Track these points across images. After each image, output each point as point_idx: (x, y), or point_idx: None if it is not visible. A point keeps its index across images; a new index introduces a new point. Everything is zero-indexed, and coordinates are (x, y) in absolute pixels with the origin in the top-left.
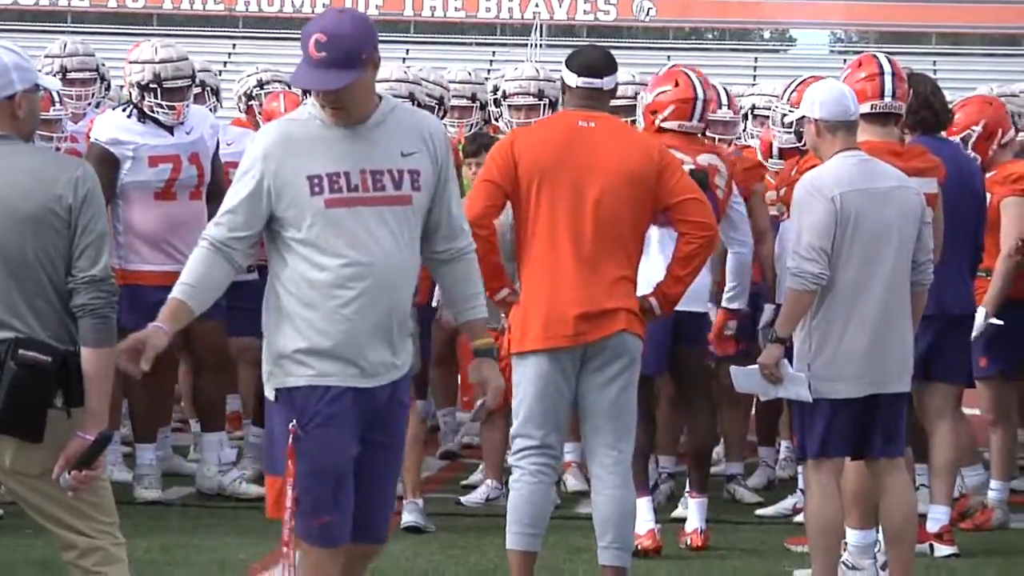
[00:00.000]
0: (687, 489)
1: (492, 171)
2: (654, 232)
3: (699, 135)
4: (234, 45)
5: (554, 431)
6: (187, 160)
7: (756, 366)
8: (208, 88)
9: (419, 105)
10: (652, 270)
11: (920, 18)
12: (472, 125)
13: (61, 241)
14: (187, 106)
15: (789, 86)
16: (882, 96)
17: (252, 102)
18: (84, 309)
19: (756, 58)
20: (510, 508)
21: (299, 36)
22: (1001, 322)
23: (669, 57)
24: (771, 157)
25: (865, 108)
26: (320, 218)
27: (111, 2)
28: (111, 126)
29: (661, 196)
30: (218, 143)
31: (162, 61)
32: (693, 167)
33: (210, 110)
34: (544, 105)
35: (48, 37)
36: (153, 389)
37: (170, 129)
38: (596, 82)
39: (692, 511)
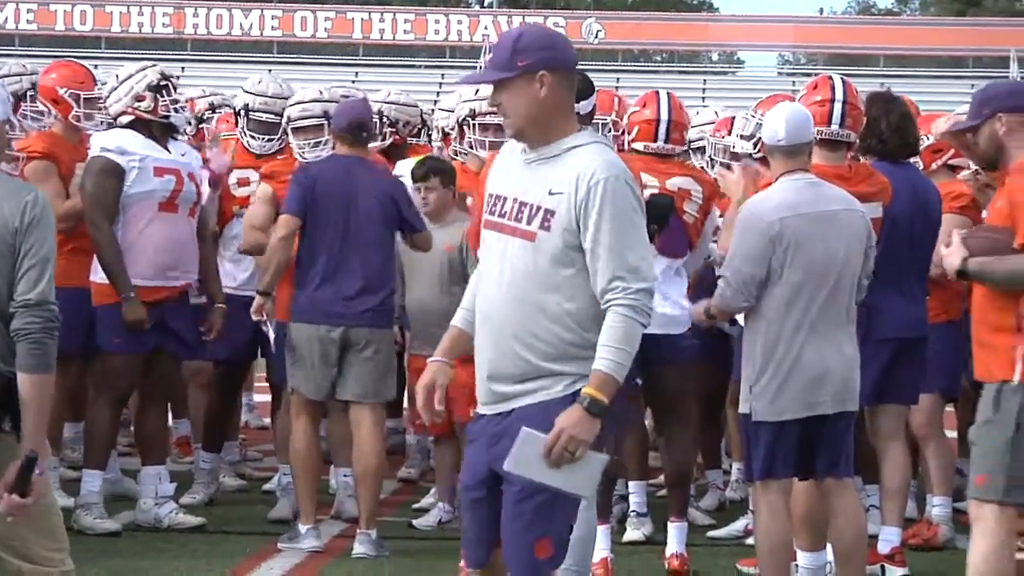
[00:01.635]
0: (669, 514)
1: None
2: (659, 262)
3: (676, 157)
4: (183, 68)
5: None
6: (186, 177)
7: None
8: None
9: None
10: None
11: (868, 40)
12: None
13: (6, 265)
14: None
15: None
16: (830, 123)
17: (203, 125)
18: (19, 333)
19: (705, 80)
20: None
21: (247, 59)
22: None
23: (618, 79)
24: None
25: (813, 133)
26: (484, 235)
27: (59, 25)
28: (115, 137)
29: None
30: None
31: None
32: (656, 190)
33: None
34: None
35: None
36: (112, 416)
37: (166, 147)
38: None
39: (672, 535)
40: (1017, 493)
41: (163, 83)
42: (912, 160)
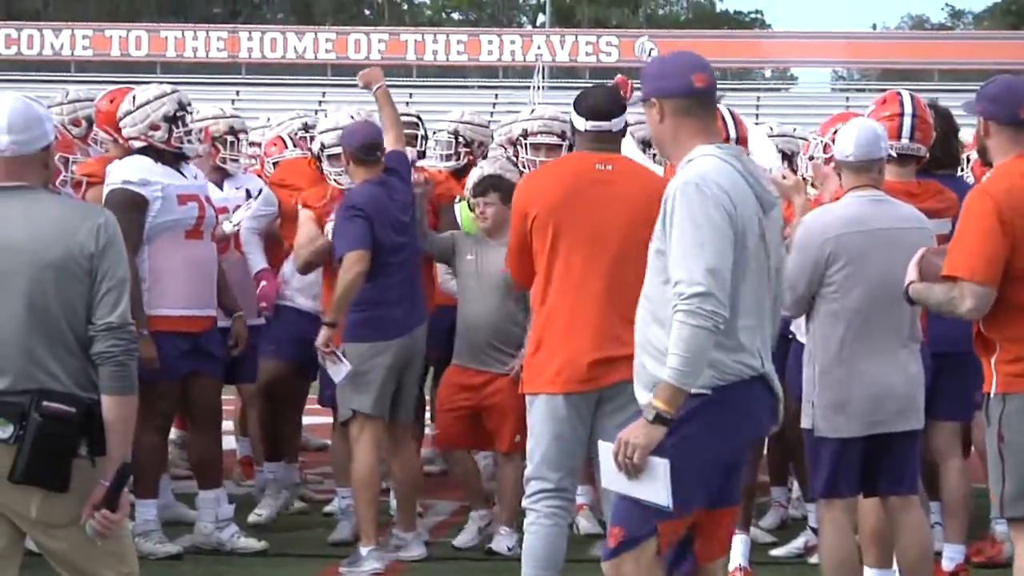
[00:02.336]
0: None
1: (517, 231)
2: None
3: None
4: (237, 92)
5: (569, 474)
6: (205, 202)
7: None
8: (237, 134)
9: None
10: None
11: (921, 55)
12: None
13: (82, 289)
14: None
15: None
16: (900, 137)
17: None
18: (102, 356)
19: (758, 97)
20: (525, 550)
21: (302, 82)
22: None
23: None
24: None
25: (888, 150)
26: None
27: (114, 51)
28: (135, 167)
29: None
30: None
31: (175, 91)
32: None
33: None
34: (565, 146)
35: (52, 87)
36: (160, 443)
37: (181, 172)
38: (605, 124)
39: (735, 548)
40: (1011, 508)
41: (179, 113)
42: (960, 172)
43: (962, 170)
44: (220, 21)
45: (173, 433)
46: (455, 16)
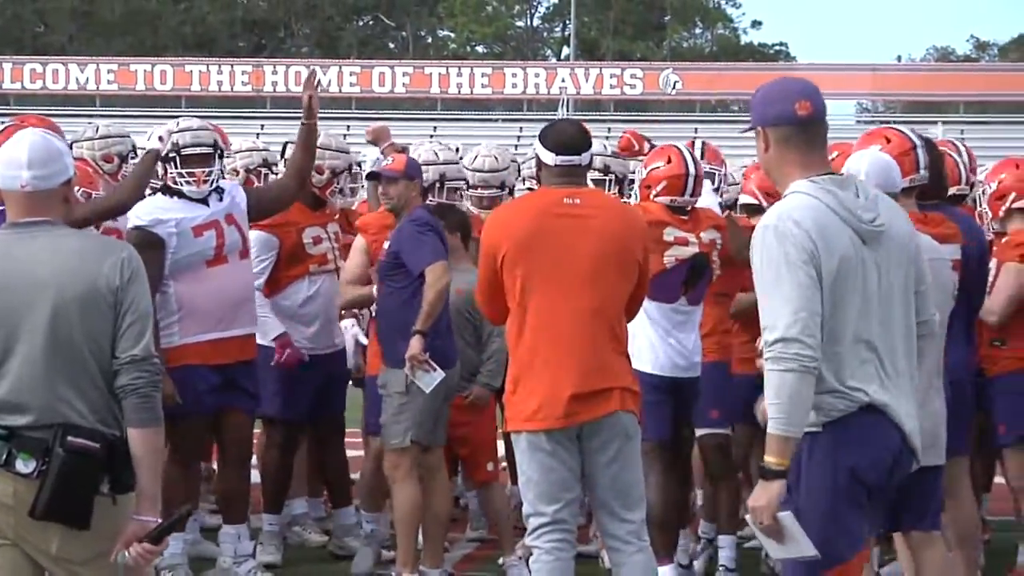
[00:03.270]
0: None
1: (487, 269)
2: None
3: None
4: (262, 126)
5: (565, 506)
6: (226, 223)
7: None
8: (271, 166)
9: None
10: (638, 344)
11: (947, 87)
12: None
13: (107, 323)
14: (210, 175)
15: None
16: (917, 169)
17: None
18: (126, 389)
19: None
20: None
21: (327, 115)
22: None
23: (696, 130)
24: None
25: (904, 183)
26: None
27: (139, 85)
28: (148, 207)
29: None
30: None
31: (181, 130)
32: (697, 251)
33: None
34: (610, 180)
35: (77, 121)
36: (188, 477)
37: (203, 201)
38: (575, 159)
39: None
40: None
41: (172, 155)
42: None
43: (976, 204)
44: (245, 55)
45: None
46: (479, 49)
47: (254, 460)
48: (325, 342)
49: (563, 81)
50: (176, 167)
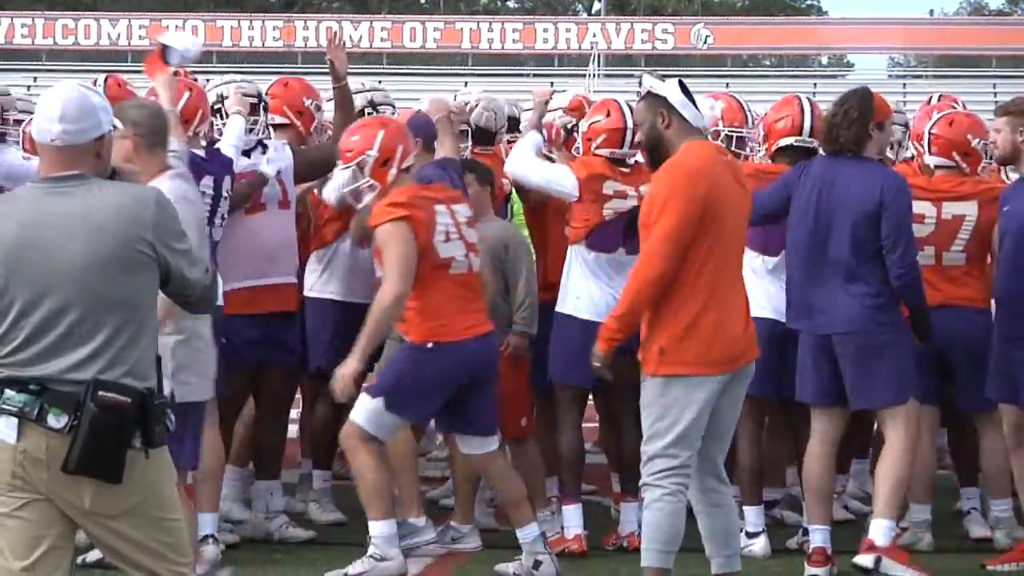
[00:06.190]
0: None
1: (694, 216)
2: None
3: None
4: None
5: (695, 452)
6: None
7: None
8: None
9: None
10: (576, 291)
11: (980, 41)
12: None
13: (144, 273)
14: (254, 123)
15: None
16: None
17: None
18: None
19: (815, 84)
20: (651, 526)
21: (357, 70)
22: None
23: (728, 85)
24: None
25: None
26: None
27: None
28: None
29: None
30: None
31: (226, 83)
32: (636, 204)
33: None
34: None
35: None
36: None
37: (247, 152)
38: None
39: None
40: None
41: (216, 106)
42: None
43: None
44: (276, 10)
45: None
46: (510, 4)
47: (294, 414)
48: None
49: (594, 36)
50: (222, 118)
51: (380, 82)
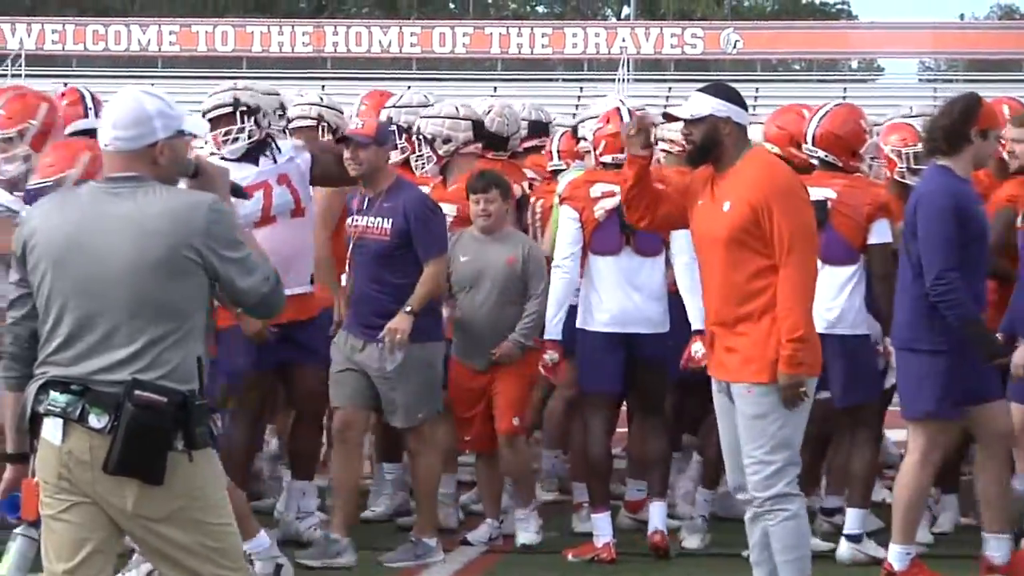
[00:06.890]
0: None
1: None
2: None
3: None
4: (323, 86)
5: None
6: (276, 183)
7: None
8: (325, 124)
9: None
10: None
11: (1010, 45)
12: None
13: (193, 278)
14: (227, 135)
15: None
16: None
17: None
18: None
19: (845, 88)
20: (797, 536)
21: (387, 75)
22: None
23: (757, 89)
24: None
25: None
26: None
27: (201, 46)
28: None
29: None
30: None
31: (211, 95)
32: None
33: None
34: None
35: (139, 82)
36: (247, 436)
37: (255, 160)
38: None
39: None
40: None
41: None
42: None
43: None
44: (305, 16)
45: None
46: (540, 9)
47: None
48: None
49: (623, 41)
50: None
51: (409, 87)
